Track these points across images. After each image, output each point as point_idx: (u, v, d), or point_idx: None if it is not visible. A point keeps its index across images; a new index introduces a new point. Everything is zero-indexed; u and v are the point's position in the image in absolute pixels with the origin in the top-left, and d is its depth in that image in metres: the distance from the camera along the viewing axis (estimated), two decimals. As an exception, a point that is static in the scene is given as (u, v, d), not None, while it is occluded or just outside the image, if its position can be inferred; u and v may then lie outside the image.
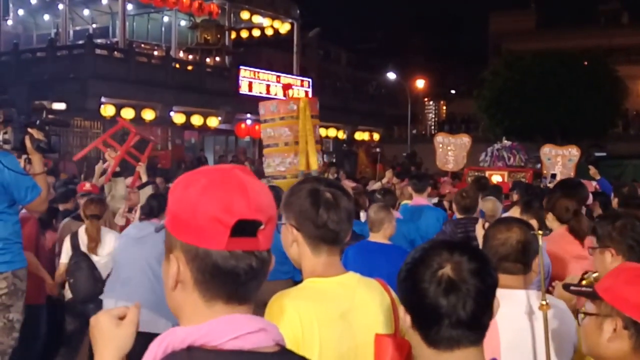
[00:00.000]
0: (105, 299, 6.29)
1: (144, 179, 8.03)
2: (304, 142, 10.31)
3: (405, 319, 1.89)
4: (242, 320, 1.49)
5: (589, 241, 3.74)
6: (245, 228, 1.46)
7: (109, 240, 6.71)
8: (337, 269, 2.55)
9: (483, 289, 1.82)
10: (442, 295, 1.79)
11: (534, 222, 4.41)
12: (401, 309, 1.92)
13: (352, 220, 2.62)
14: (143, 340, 1.56)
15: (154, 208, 6.51)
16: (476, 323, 1.83)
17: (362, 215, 7.92)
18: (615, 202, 8.66)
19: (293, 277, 6.07)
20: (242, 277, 1.49)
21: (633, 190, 8.45)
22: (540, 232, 2.83)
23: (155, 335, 1.52)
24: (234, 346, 1.45)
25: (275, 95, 29.61)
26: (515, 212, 5.06)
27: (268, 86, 31.36)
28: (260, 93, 30.00)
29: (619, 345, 2.27)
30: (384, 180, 11.52)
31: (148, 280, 5.82)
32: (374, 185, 11.45)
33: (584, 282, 3.39)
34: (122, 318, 1.68)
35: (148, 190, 7.82)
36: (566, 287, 2.61)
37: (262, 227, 1.49)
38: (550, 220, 5.57)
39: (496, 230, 3.10)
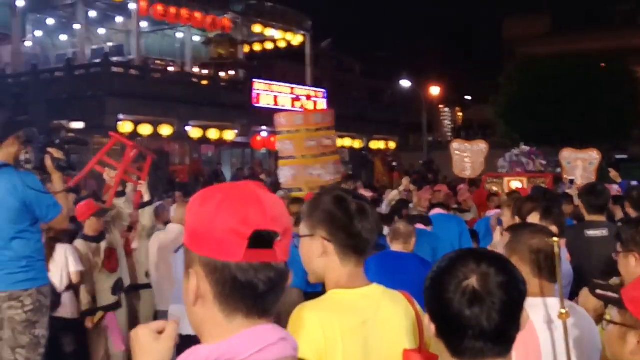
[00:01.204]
0: (174, 305, 6.96)
1: (146, 198, 8.03)
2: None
3: (430, 327, 1.89)
4: (262, 333, 1.50)
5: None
6: (262, 240, 1.48)
7: (59, 255, 6.94)
8: (362, 281, 2.53)
9: (509, 302, 1.80)
10: (466, 306, 1.78)
11: (554, 229, 4.41)
12: (426, 318, 1.92)
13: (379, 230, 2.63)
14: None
15: None
16: (501, 336, 1.81)
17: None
18: (627, 205, 8.62)
19: (300, 286, 6.13)
20: (261, 289, 1.50)
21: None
22: (556, 239, 2.81)
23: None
24: (258, 359, 1.46)
25: (295, 107, 29.69)
26: (534, 218, 5.06)
27: (283, 98, 31.43)
28: (274, 105, 30.07)
29: None
30: (401, 188, 11.48)
31: None
32: (391, 194, 11.41)
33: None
34: (160, 332, 1.69)
35: (149, 210, 8.03)
36: (592, 289, 2.58)
37: (278, 238, 1.50)
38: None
39: (526, 236, 3.07)
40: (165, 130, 27.10)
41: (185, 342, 1.60)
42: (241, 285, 1.49)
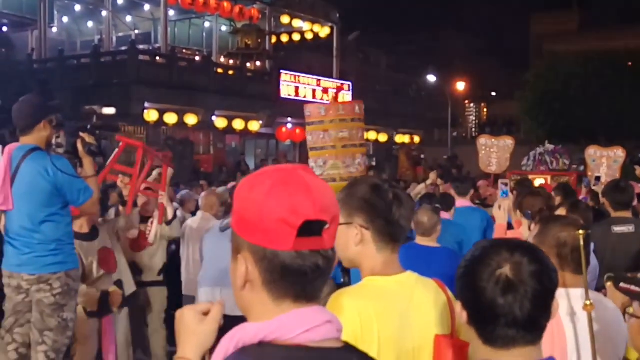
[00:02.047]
0: (201, 288, 7.07)
1: (170, 212, 7.44)
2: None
3: (462, 315, 1.92)
4: (309, 314, 1.52)
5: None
6: (311, 228, 1.49)
7: None
8: (397, 268, 2.56)
9: (541, 291, 1.83)
10: (499, 295, 1.81)
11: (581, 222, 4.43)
12: (458, 305, 1.95)
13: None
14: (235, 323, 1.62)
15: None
16: (532, 324, 1.84)
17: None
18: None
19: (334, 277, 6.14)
20: (310, 276, 1.52)
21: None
22: (582, 231, 2.83)
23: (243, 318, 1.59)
24: (304, 340, 1.49)
25: (321, 99, 29.69)
26: (561, 212, 5.06)
27: (312, 90, 31.46)
28: (304, 97, 30.09)
29: None
30: (429, 182, 11.46)
31: None
32: (417, 188, 11.39)
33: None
34: (205, 314, 1.73)
35: (177, 223, 7.61)
36: (616, 282, 2.61)
37: (327, 226, 1.52)
38: (519, 217, 5.89)
39: (555, 229, 3.10)
40: (191, 119, 27.19)
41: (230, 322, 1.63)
42: (290, 273, 1.51)
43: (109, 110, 25.31)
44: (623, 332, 3.02)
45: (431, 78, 42.38)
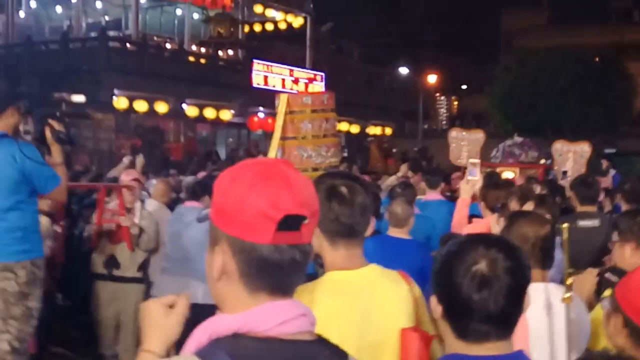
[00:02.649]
0: (165, 276, 7.03)
1: (136, 229, 7.19)
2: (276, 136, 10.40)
3: (437, 309, 1.94)
4: (284, 307, 1.54)
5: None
6: (290, 222, 1.50)
7: None
8: (358, 262, 2.54)
9: (516, 287, 1.86)
10: (475, 291, 1.83)
11: (547, 217, 4.49)
12: (433, 299, 1.96)
13: (369, 213, 2.62)
14: (206, 311, 1.62)
15: (197, 192, 7.19)
16: (505, 319, 1.88)
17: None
18: (618, 197, 8.73)
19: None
20: (286, 270, 1.54)
21: (635, 186, 8.49)
22: (565, 225, 2.88)
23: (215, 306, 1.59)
24: (278, 332, 1.50)
25: (291, 89, 29.61)
26: (529, 207, 5.12)
27: (282, 80, 31.36)
28: (273, 87, 30.00)
29: (620, 340, 2.36)
30: (400, 174, 11.49)
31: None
32: (389, 180, 11.42)
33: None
34: (171, 307, 1.73)
35: (150, 228, 7.30)
36: (602, 272, 2.68)
37: (306, 221, 1.53)
38: (482, 208, 6.15)
39: (518, 225, 3.15)
40: (161, 107, 26.99)
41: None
42: (267, 266, 1.52)
43: (79, 98, 25.03)
44: (587, 323, 3.10)
45: (403, 70, 42.46)
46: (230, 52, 33.01)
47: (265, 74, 30.85)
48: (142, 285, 7.37)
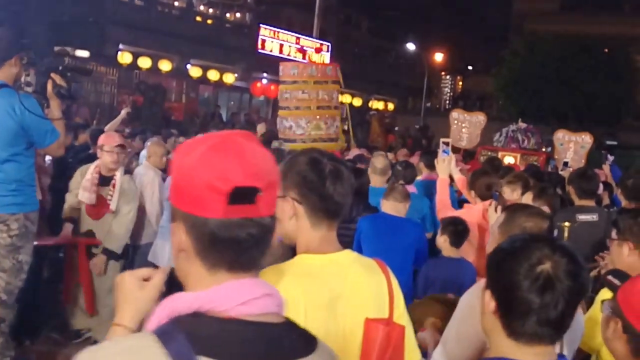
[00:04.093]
0: (160, 241, 7.03)
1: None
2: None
3: (490, 304, 1.89)
4: (246, 286, 1.48)
5: None
6: (242, 195, 1.45)
7: None
8: (333, 246, 2.46)
9: (577, 292, 1.84)
10: (537, 292, 1.80)
11: (546, 209, 4.46)
12: (487, 293, 1.92)
13: (352, 194, 2.57)
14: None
15: None
16: (561, 324, 1.85)
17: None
18: (619, 192, 8.69)
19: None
20: (243, 245, 1.48)
21: (637, 183, 8.45)
22: (567, 224, 2.85)
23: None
24: (241, 312, 1.45)
25: (294, 57, 29.46)
26: (528, 197, 5.09)
27: (288, 47, 31.18)
28: (279, 53, 29.85)
29: (619, 345, 2.33)
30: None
31: None
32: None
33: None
34: (147, 279, 1.69)
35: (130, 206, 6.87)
36: (605, 274, 2.65)
37: (260, 193, 1.47)
38: (472, 197, 6.14)
39: (520, 218, 3.11)
40: (165, 65, 26.90)
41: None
42: (221, 241, 1.46)
43: (83, 53, 24.89)
44: (581, 323, 3.08)
45: (410, 46, 42.23)
46: (238, 14, 32.80)
47: (272, 40, 30.67)
48: (118, 262, 6.84)
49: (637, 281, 2.38)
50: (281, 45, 30.98)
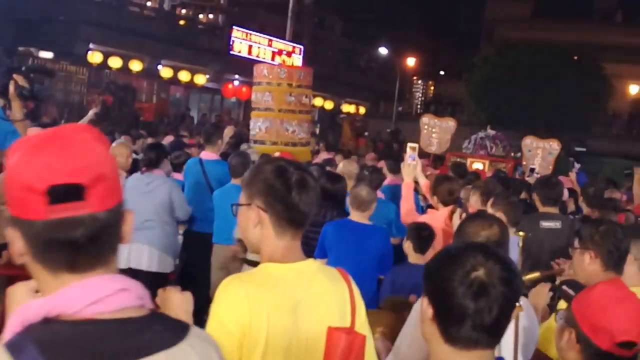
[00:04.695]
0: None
1: None
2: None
3: (427, 311, 1.91)
4: (95, 285, 1.41)
5: None
6: (63, 193, 1.37)
7: None
8: (297, 256, 2.47)
9: (510, 297, 1.86)
10: (471, 298, 1.82)
11: (500, 215, 4.51)
12: (424, 300, 1.93)
13: (327, 199, 2.58)
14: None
15: (153, 159, 6.83)
16: (496, 329, 1.87)
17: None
18: (580, 200, 8.81)
19: None
20: (78, 244, 1.39)
21: (599, 190, 8.59)
22: (522, 233, 2.87)
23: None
24: (92, 313, 1.39)
25: (264, 59, 29.43)
26: (475, 201, 5.13)
27: (259, 49, 31.15)
28: (250, 55, 29.81)
29: (572, 355, 2.36)
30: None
31: (161, 225, 5.98)
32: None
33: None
34: (38, 292, 1.60)
35: None
36: (560, 285, 2.68)
37: (86, 189, 1.39)
38: (435, 202, 6.17)
39: (476, 226, 3.14)
40: (136, 65, 26.76)
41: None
42: (52, 243, 1.39)
43: (46, 54, 24.67)
44: (536, 332, 3.12)
45: (383, 50, 42.35)
46: (211, 16, 32.71)
47: (244, 42, 30.64)
48: None
49: (591, 291, 2.41)
50: (251, 47, 30.93)
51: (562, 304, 3.03)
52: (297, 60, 31.50)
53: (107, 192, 1.43)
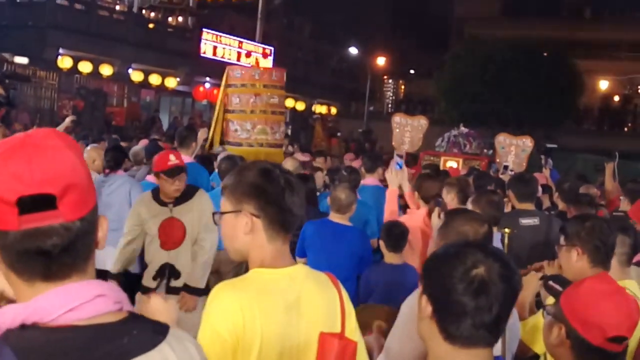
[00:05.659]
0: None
1: None
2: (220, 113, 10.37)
3: (426, 308, 1.91)
4: (70, 292, 1.40)
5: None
6: (36, 203, 1.35)
7: None
8: (287, 260, 2.45)
9: (510, 295, 1.87)
10: (472, 295, 1.82)
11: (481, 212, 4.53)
12: (423, 298, 1.93)
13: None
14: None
15: (112, 161, 7.05)
16: (496, 326, 1.88)
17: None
18: (555, 196, 8.89)
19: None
20: (51, 254, 1.38)
21: (574, 186, 8.68)
22: (507, 230, 2.90)
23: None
24: (69, 320, 1.38)
25: (234, 61, 29.38)
26: (451, 198, 5.16)
27: (230, 51, 31.08)
28: (221, 57, 29.73)
29: (563, 351, 2.36)
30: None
31: (123, 225, 6.03)
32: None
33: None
34: None
35: None
36: (546, 280, 2.69)
37: (57, 198, 1.37)
38: (416, 198, 6.28)
39: (458, 223, 3.16)
40: (106, 70, 26.57)
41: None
42: (26, 253, 1.37)
43: (22, 60, 24.42)
44: (518, 329, 3.15)
45: (353, 50, 42.42)
46: (180, 18, 32.57)
47: (214, 44, 30.54)
48: None
49: (579, 286, 2.41)
50: (223, 49, 30.85)
51: (549, 300, 3.06)
52: (268, 62, 31.47)
53: (79, 200, 1.42)
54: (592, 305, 2.30)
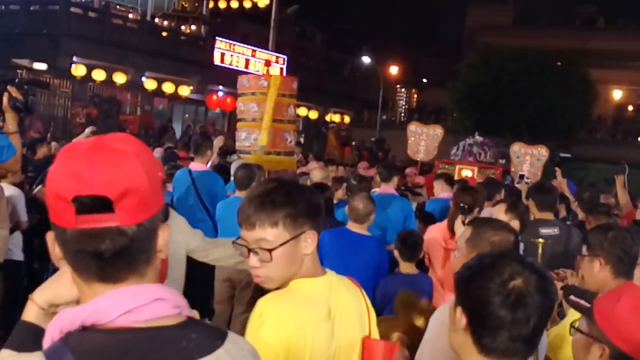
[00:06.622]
0: None
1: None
2: (268, 118, 10.23)
3: (461, 320, 1.87)
4: (130, 293, 1.41)
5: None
6: (92, 205, 1.37)
7: None
8: (320, 268, 2.44)
9: (547, 307, 1.83)
10: (509, 308, 1.79)
11: (515, 223, 4.46)
12: (458, 310, 1.89)
13: None
14: None
15: None
16: (533, 339, 1.84)
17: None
18: (575, 205, 8.81)
19: None
20: (104, 256, 1.39)
21: (595, 196, 8.61)
22: (541, 240, 2.84)
23: None
24: (127, 322, 1.39)
25: (251, 69, 29.42)
26: (500, 209, 5.08)
27: (246, 60, 31.16)
28: (234, 66, 29.79)
29: None
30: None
31: None
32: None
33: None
34: None
35: None
36: (566, 294, 2.61)
37: (114, 202, 1.37)
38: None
39: (489, 233, 3.10)
40: (120, 78, 26.64)
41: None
42: (80, 252, 1.40)
43: (40, 66, 24.55)
44: (545, 338, 3.08)
45: (366, 59, 42.43)
46: (193, 27, 32.67)
47: (228, 52, 30.60)
48: None
49: (617, 305, 2.29)
50: (237, 58, 30.91)
51: (573, 314, 2.98)
52: (281, 70, 31.51)
53: (138, 206, 1.41)
54: (636, 323, 2.22)
